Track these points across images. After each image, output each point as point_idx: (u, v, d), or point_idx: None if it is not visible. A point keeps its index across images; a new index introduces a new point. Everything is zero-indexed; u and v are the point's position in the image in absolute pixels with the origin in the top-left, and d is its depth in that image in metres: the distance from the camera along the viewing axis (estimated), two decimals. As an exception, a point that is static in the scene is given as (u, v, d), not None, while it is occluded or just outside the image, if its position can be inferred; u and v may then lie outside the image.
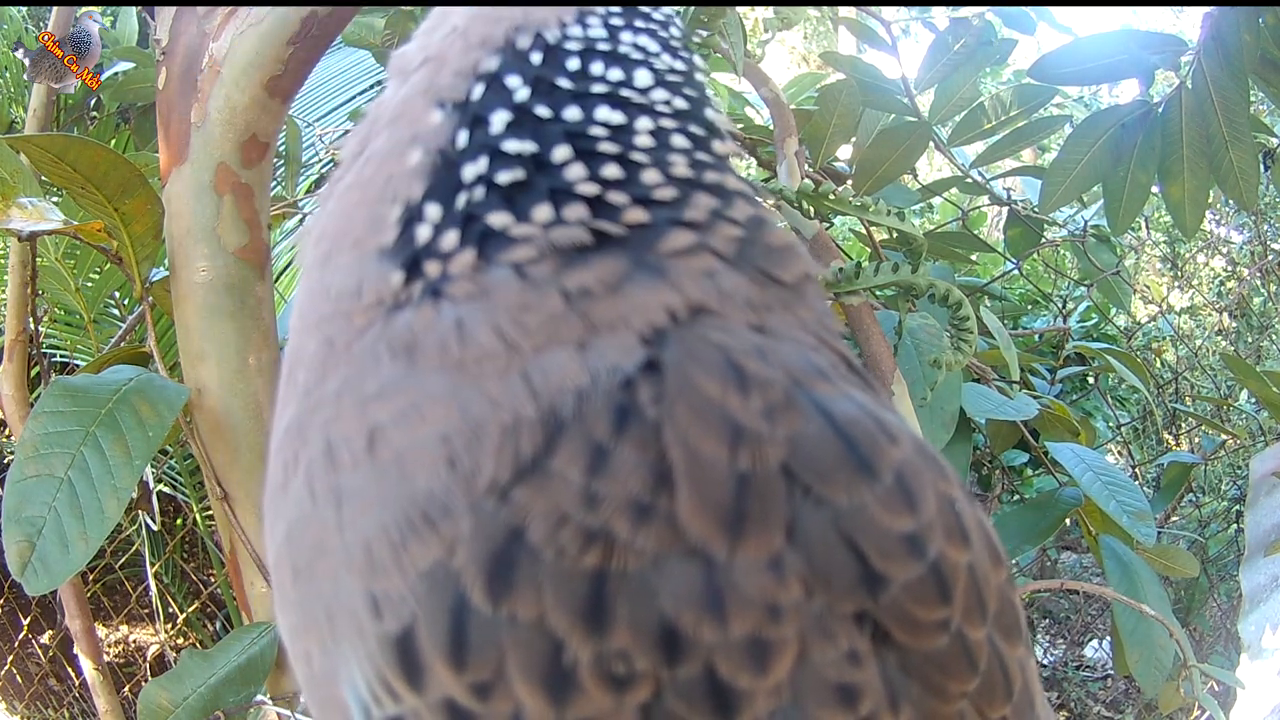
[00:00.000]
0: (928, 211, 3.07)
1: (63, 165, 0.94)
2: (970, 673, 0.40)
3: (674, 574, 0.35)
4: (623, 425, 0.36)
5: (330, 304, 0.43)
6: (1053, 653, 3.30)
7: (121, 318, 2.09)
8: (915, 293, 0.97)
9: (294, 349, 0.46)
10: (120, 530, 2.41)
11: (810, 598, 0.36)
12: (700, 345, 0.38)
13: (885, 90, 1.47)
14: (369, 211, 0.44)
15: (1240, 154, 1.36)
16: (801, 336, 0.43)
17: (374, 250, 0.43)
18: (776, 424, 0.36)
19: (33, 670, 2.81)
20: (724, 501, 0.35)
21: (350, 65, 2.88)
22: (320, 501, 0.40)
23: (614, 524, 0.35)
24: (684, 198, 0.43)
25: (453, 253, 0.41)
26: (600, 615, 0.34)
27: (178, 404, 0.94)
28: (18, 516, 0.85)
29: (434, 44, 0.48)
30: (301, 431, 0.43)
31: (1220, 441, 2.62)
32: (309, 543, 0.41)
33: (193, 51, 0.99)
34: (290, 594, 0.43)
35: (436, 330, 0.40)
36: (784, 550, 0.36)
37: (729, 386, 0.37)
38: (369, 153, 0.46)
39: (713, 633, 0.35)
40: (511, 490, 0.36)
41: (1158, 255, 3.48)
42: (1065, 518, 1.54)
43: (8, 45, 2.35)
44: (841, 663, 0.37)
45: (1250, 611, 1.71)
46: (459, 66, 0.46)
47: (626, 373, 0.37)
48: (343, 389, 0.41)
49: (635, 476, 0.35)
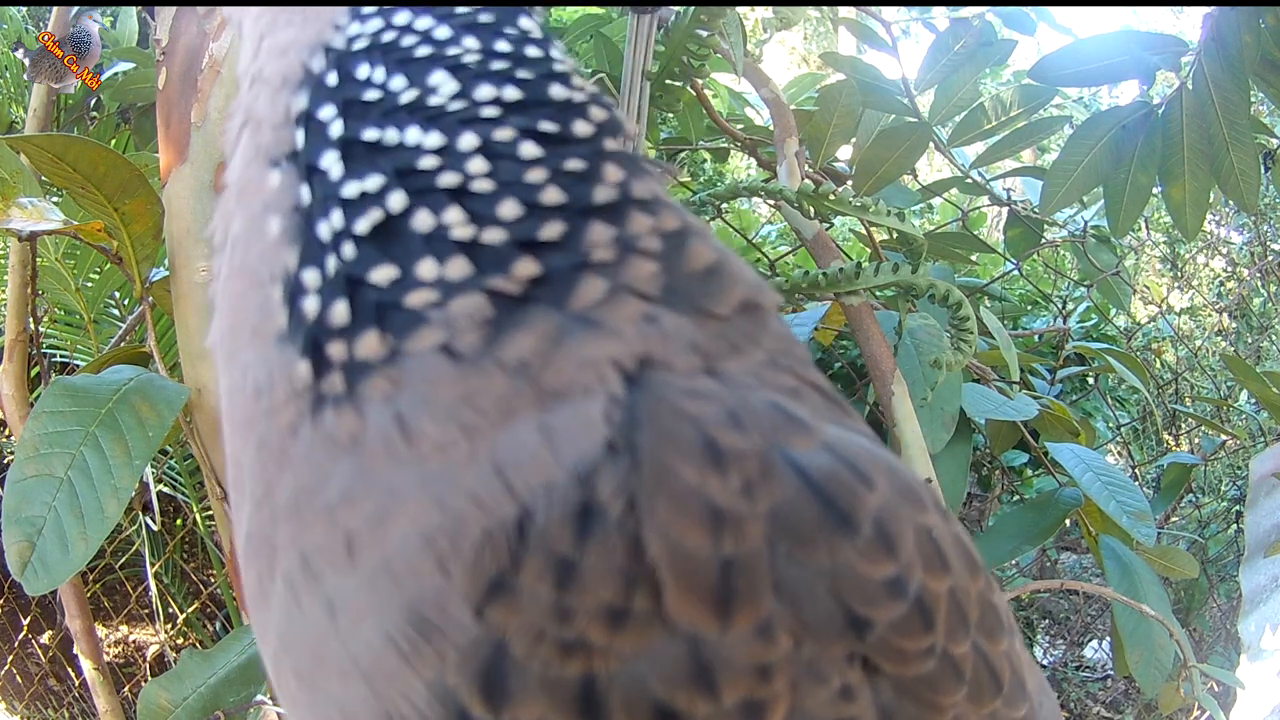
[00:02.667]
0: (928, 212, 3.07)
1: (63, 165, 0.94)
2: (959, 684, 0.41)
3: (661, 660, 0.35)
4: (586, 531, 0.35)
5: (250, 403, 0.41)
6: (1053, 653, 3.30)
7: (121, 318, 2.09)
8: (915, 293, 0.97)
9: (232, 452, 0.44)
10: (120, 530, 2.41)
11: (799, 648, 0.36)
12: (672, 420, 0.36)
13: (885, 91, 1.47)
14: (254, 296, 0.41)
15: (1241, 155, 1.36)
16: (763, 374, 0.41)
17: (272, 337, 0.40)
18: (756, 500, 0.36)
19: (33, 670, 2.81)
20: (711, 587, 0.35)
21: (350, 65, 2.88)
22: (309, 612, 0.39)
23: (590, 634, 0.35)
24: (574, 231, 0.38)
25: (349, 329, 0.38)
26: (596, 712, 0.35)
27: (178, 404, 0.94)
28: (18, 516, 0.85)
29: (244, 101, 0.45)
30: (267, 542, 0.41)
31: (1220, 442, 2.62)
32: (307, 653, 0.40)
33: (193, 51, 0.99)
34: (300, 697, 0.42)
35: (376, 426, 0.37)
36: (772, 612, 0.36)
37: (706, 469, 0.35)
38: (233, 237, 0.44)
39: (707, 706, 0.35)
40: (486, 609, 0.35)
41: (1158, 256, 3.48)
42: (1065, 518, 1.54)
43: (8, 45, 2.35)
44: (835, 700, 0.37)
45: (1250, 612, 1.71)
46: (274, 119, 0.43)
47: (589, 464, 0.35)
48: (298, 499, 0.39)
49: (605, 585, 0.35)
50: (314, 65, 0.42)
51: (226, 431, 0.44)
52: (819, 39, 6.51)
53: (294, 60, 0.43)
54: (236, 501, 0.44)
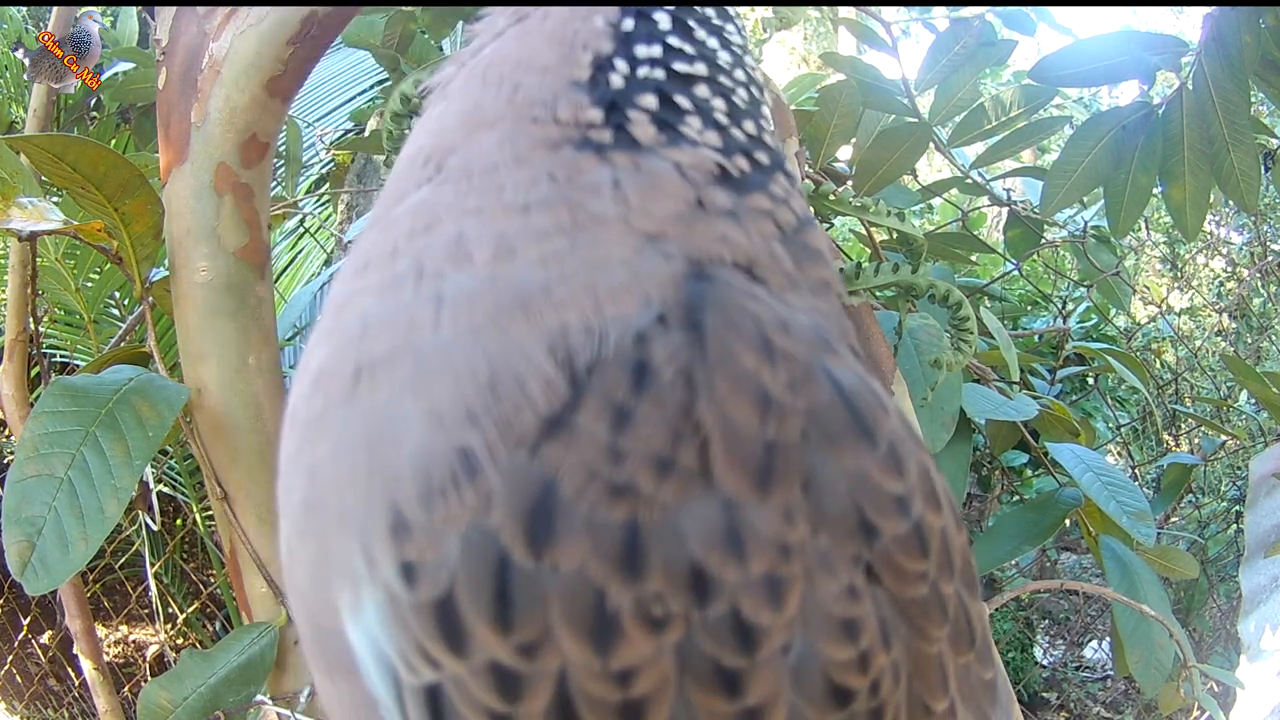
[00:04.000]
0: (928, 212, 3.07)
1: (63, 165, 0.94)
2: (944, 619, 0.44)
3: (700, 519, 0.37)
4: (641, 385, 0.38)
5: (509, 105, 0.46)
6: (1053, 653, 3.30)
7: (121, 318, 2.10)
8: (915, 293, 0.97)
9: (435, 133, 0.48)
10: (120, 530, 2.41)
11: (816, 537, 0.39)
12: (737, 314, 0.40)
13: (885, 91, 1.47)
14: (558, 48, 0.47)
15: (1241, 155, 1.36)
16: (814, 307, 0.46)
17: (567, 79, 0.46)
18: (798, 395, 0.40)
19: (33, 670, 2.81)
20: (756, 461, 0.38)
21: (350, 65, 2.89)
22: (418, 296, 0.41)
23: (639, 479, 0.36)
24: (772, 168, 0.48)
25: (640, 111, 0.45)
26: (636, 561, 0.36)
27: (178, 404, 0.94)
28: (18, 516, 0.85)
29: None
30: (431, 210, 0.44)
31: (1220, 442, 2.62)
32: (388, 338, 0.41)
33: (193, 51, 0.99)
34: (343, 393, 0.41)
35: (600, 177, 0.43)
36: (799, 498, 0.39)
37: (762, 359, 0.39)
38: (536, 15, 0.49)
39: (736, 571, 0.37)
40: (542, 445, 0.37)
41: (1158, 256, 3.48)
42: (1065, 518, 1.54)
43: (8, 45, 2.35)
44: (843, 597, 0.39)
45: (1250, 612, 1.71)
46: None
47: (644, 326, 0.39)
48: (499, 189, 0.43)
49: (657, 435, 0.37)
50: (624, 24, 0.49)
51: (463, 107, 0.48)
52: (819, 39, 6.51)
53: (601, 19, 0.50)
54: (412, 178, 0.47)
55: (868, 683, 0.40)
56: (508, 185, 0.43)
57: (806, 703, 0.38)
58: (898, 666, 0.42)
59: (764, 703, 0.37)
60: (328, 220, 2.58)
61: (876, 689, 0.40)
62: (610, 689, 0.36)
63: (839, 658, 0.39)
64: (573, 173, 0.44)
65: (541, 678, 0.36)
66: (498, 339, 0.39)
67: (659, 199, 0.43)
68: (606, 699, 0.36)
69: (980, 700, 0.48)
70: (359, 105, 2.57)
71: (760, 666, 0.37)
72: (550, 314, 0.39)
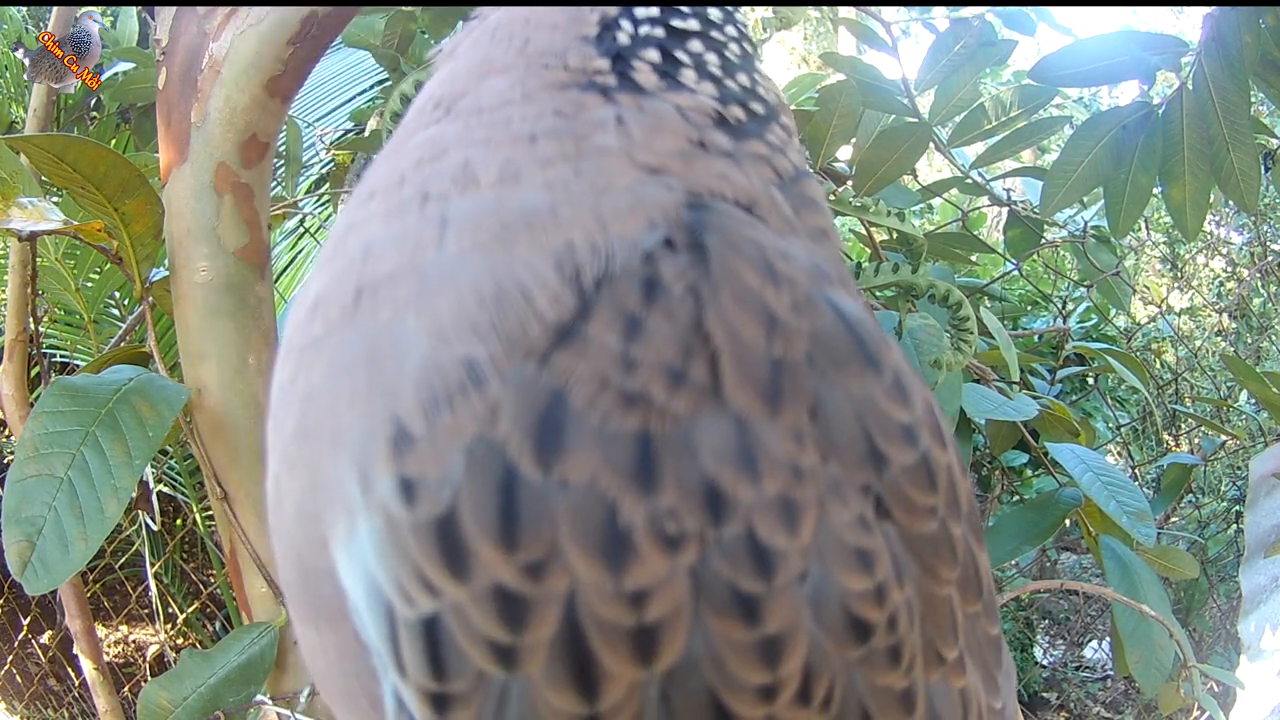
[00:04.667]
0: (928, 212, 3.07)
1: (63, 165, 0.94)
2: (953, 561, 0.43)
3: (712, 433, 0.35)
4: (652, 297, 0.37)
5: (520, 57, 0.48)
6: (1053, 653, 3.30)
7: (121, 318, 2.09)
8: (915, 293, 0.97)
9: (469, 70, 0.49)
10: (120, 530, 2.41)
11: (826, 464, 0.38)
12: (738, 238, 0.40)
13: (885, 91, 1.47)
14: (567, 11, 0.49)
15: (1241, 155, 1.36)
16: (815, 250, 0.46)
17: (577, 35, 0.48)
18: (802, 317, 0.39)
19: (33, 670, 2.81)
20: (764, 379, 0.37)
21: (350, 65, 2.88)
22: (422, 218, 0.41)
23: (651, 388, 0.35)
24: (768, 119, 0.50)
25: (642, 60, 0.47)
26: (649, 473, 0.34)
27: (178, 404, 0.94)
28: (18, 516, 0.85)
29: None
30: (438, 143, 0.45)
31: (1220, 442, 2.62)
32: (393, 258, 0.40)
33: (193, 51, 0.99)
34: (342, 315, 0.41)
35: (603, 114, 0.44)
36: (807, 423, 0.38)
37: (765, 279, 0.39)
38: None
39: (749, 490, 0.35)
40: (552, 355, 0.36)
41: (1158, 256, 3.48)
42: (1065, 518, 1.54)
43: (8, 45, 2.35)
44: (856, 527, 0.38)
45: (1250, 612, 1.71)
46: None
47: (651, 246, 0.39)
48: (507, 121, 0.44)
49: (668, 345, 0.36)
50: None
51: (473, 59, 0.50)
52: (819, 39, 6.51)
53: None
54: (422, 122, 0.48)
55: (885, 617, 0.38)
56: (515, 118, 0.44)
57: (827, 635, 0.36)
58: (911, 605, 0.40)
59: (783, 631, 0.35)
60: (328, 220, 2.58)
61: (894, 624, 0.39)
62: (623, 612, 0.34)
63: (856, 588, 0.37)
64: (579, 109, 0.44)
65: (549, 601, 0.34)
66: (503, 256, 0.38)
67: (661, 136, 0.44)
68: (619, 623, 0.34)
69: (986, 657, 0.46)
70: (359, 105, 2.56)
71: (778, 593, 0.35)
72: (555, 232, 0.39)
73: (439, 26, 1.44)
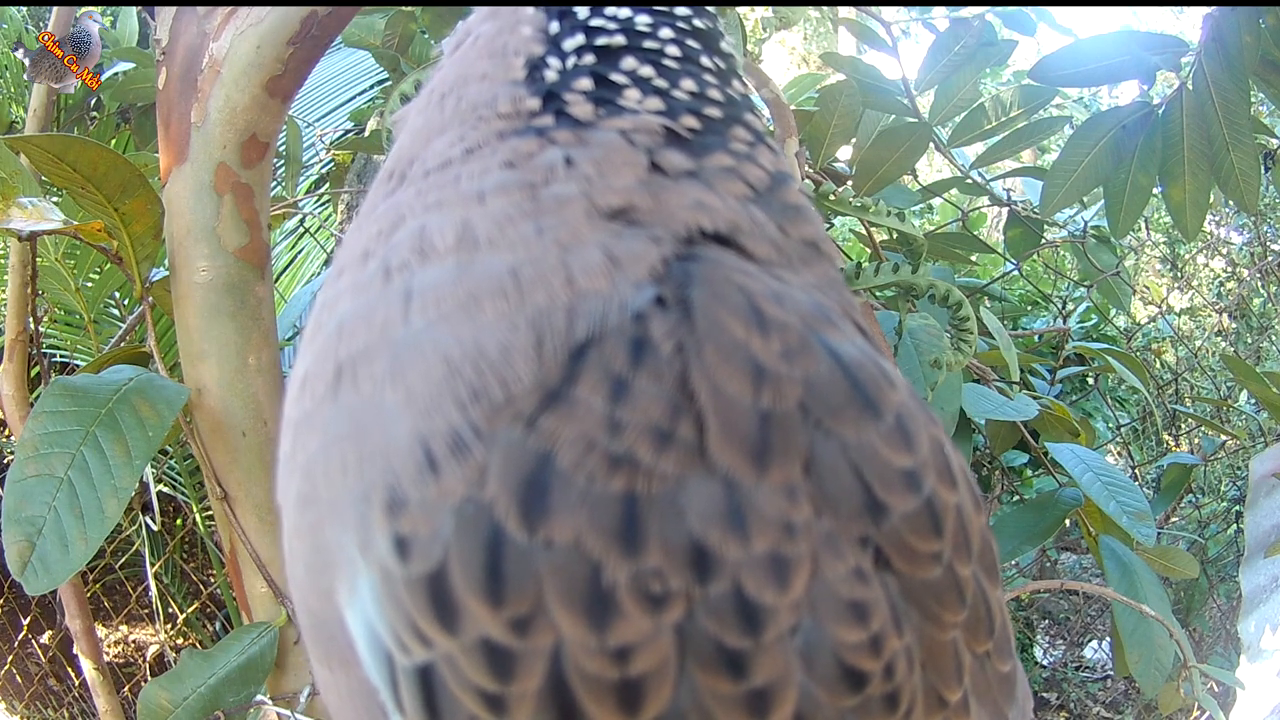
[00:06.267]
0: (928, 212, 3.07)
1: (63, 165, 0.94)
2: (960, 604, 0.42)
3: (699, 494, 0.36)
4: (640, 358, 0.37)
5: (453, 114, 0.48)
6: (1053, 653, 3.30)
7: (121, 318, 2.09)
8: (915, 293, 0.97)
9: (421, 130, 0.49)
10: (120, 530, 2.41)
11: (820, 518, 0.38)
12: (725, 286, 0.39)
13: (885, 91, 1.47)
14: (492, 60, 0.49)
15: (1241, 155, 1.36)
16: (811, 283, 0.45)
17: (505, 80, 0.48)
18: (794, 364, 0.38)
19: (33, 670, 2.81)
20: (750, 436, 0.37)
21: (350, 65, 2.88)
22: (387, 293, 0.41)
23: (637, 449, 0.36)
24: (727, 122, 0.47)
25: (574, 92, 0.46)
26: (634, 535, 0.35)
27: (178, 404, 0.94)
28: (18, 516, 0.85)
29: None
30: (396, 209, 0.45)
31: (1220, 442, 2.62)
32: (362, 336, 0.41)
33: (193, 51, 0.99)
34: (319, 402, 0.42)
35: (547, 159, 0.43)
36: (800, 477, 0.37)
37: (752, 329, 0.38)
38: (471, 37, 0.51)
39: (738, 549, 0.36)
40: (539, 418, 0.36)
41: (1158, 256, 3.48)
42: (1065, 518, 1.54)
43: (8, 45, 2.35)
44: (851, 580, 0.38)
45: (1250, 612, 1.71)
46: (520, 34, 0.50)
47: (641, 305, 0.39)
48: (457, 181, 0.44)
49: (655, 406, 0.37)
50: (551, 26, 0.50)
51: (408, 142, 0.50)
52: (819, 39, 6.51)
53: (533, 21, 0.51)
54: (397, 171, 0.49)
55: (881, 666, 0.39)
56: (463, 176, 0.44)
57: (819, 686, 0.37)
58: (911, 652, 0.40)
59: (772, 683, 0.36)
60: (328, 220, 2.58)
61: (891, 672, 0.39)
62: (607, 667, 0.35)
63: (850, 640, 0.38)
64: (520, 157, 0.44)
65: (535, 655, 0.35)
66: (468, 325, 0.39)
67: (614, 169, 0.43)
68: (603, 677, 0.35)
69: (996, 695, 0.46)
70: (359, 105, 2.56)
71: (766, 648, 0.36)
72: (521, 296, 0.39)
73: (439, 26, 1.44)
